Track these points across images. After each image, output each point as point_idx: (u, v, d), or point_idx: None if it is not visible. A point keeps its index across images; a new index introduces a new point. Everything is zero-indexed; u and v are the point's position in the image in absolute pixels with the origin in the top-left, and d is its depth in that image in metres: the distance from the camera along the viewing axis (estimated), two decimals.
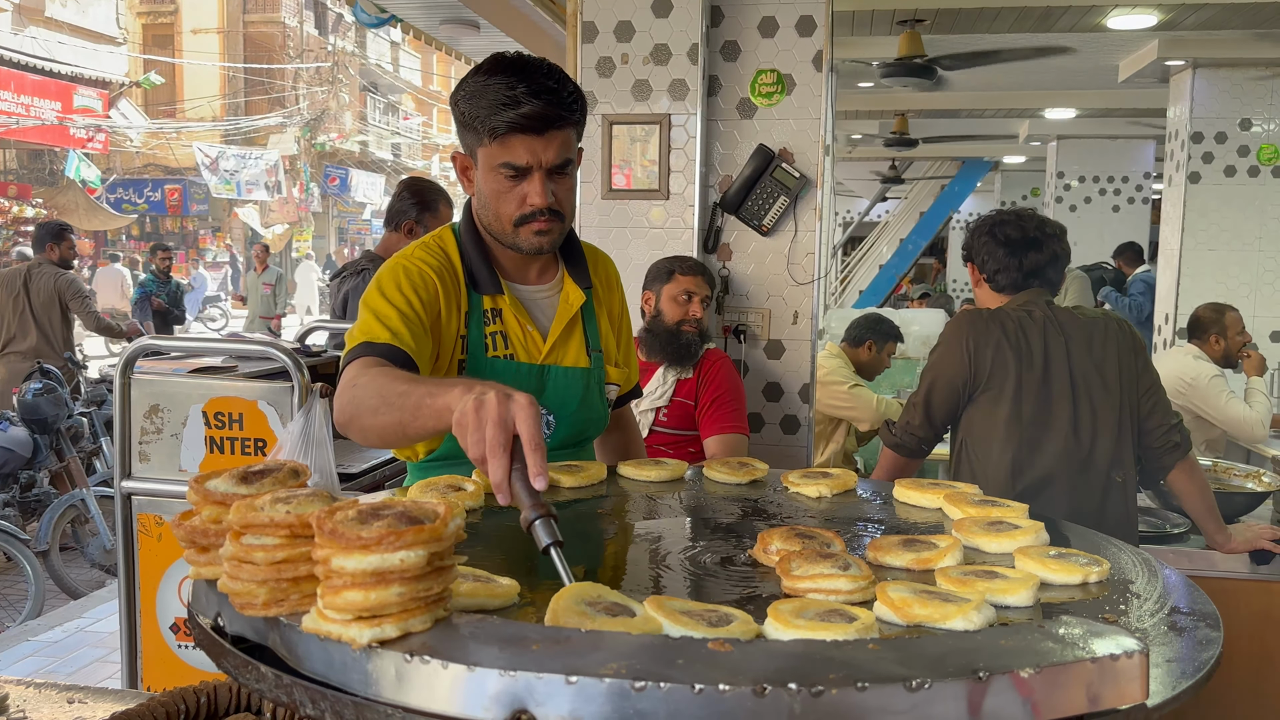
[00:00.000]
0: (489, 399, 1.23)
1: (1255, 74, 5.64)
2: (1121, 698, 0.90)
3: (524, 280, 1.89)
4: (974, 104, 7.91)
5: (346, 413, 1.55)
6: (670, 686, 0.82)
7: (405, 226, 3.90)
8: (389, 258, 3.96)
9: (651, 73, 3.54)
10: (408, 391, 1.43)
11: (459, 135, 1.78)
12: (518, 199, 1.73)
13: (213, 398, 2.98)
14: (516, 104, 1.64)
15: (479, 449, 1.22)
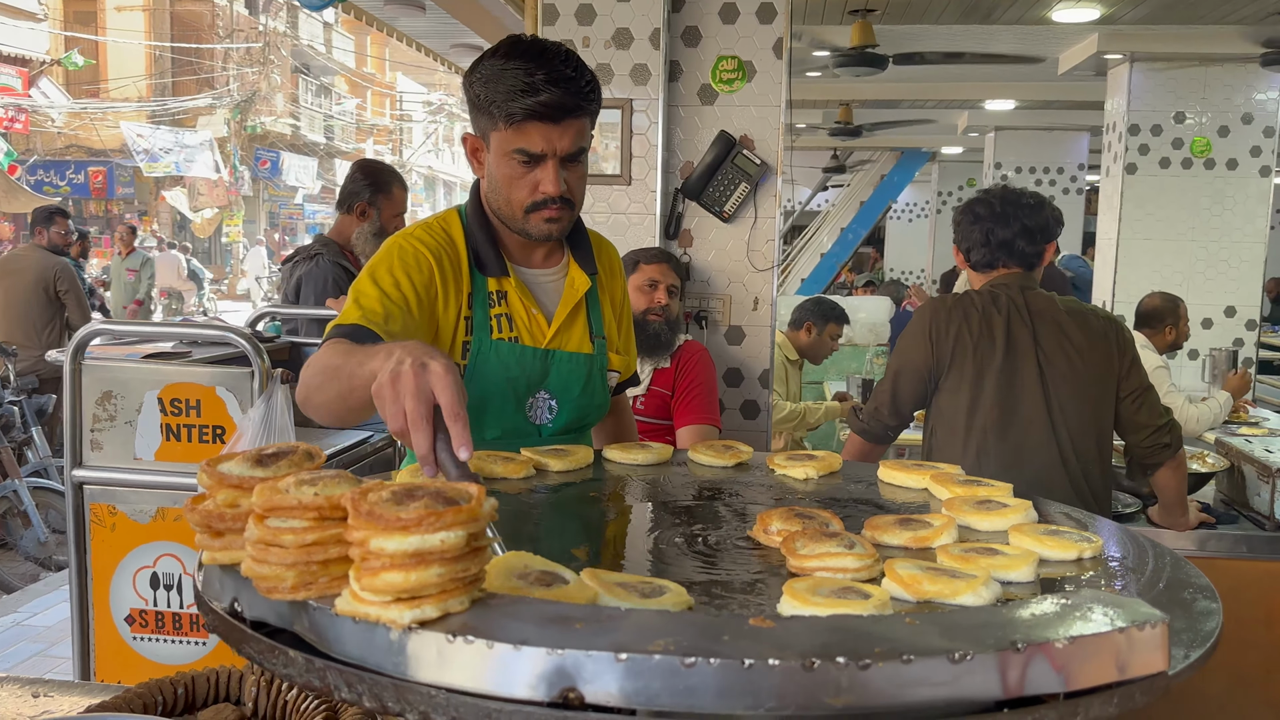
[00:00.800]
0: (404, 370, 1.19)
1: (1189, 69, 5.81)
2: (1146, 666, 0.92)
3: (529, 264, 1.89)
4: (917, 95, 8.03)
5: (300, 393, 1.55)
6: (720, 662, 0.83)
7: (358, 208, 3.84)
8: (341, 240, 3.91)
9: (613, 57, 3.53)
10: (342, 364, 1.42)
11: (472, 117, 1.77)
12: (530, 186, 1.73)
13: (169, 384, 2.91)
14: (535, 91, 1.63)
15: (398, 422, 1.18)
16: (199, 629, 2.96)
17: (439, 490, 0.94)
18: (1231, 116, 5.82)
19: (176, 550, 2.95)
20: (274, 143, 26.67)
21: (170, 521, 2.95)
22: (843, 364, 6.18)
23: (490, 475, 1.67)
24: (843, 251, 10.34)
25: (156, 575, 2.97)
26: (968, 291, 2.68)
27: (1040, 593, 1.21)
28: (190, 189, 23.68)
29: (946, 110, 9.14)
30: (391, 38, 7.58)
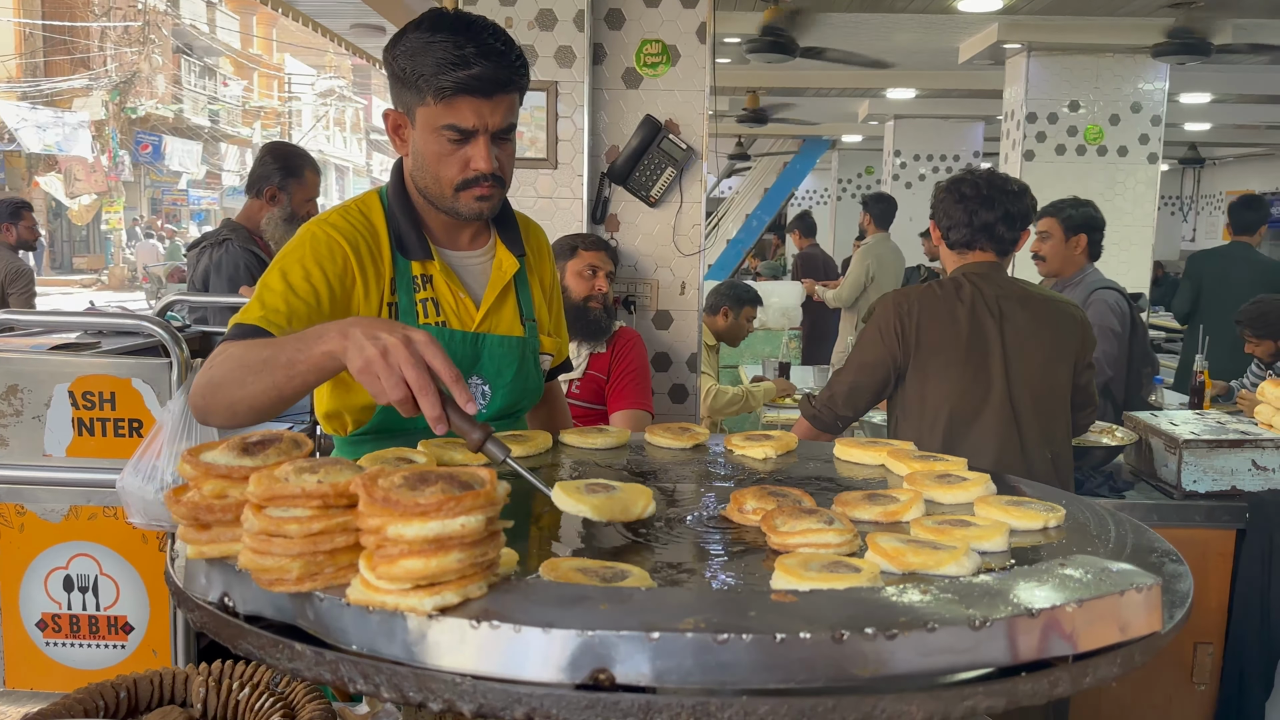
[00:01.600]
0: (392, 343, 1.24)
1: (1083, 58, 6.04)
2: (1144, 627, 0.96)
3: (455, 246, 1.83)
4: (821, 83, 8.16)
5: (204, 391, 1.49)
6: (753, 637, 0.83)
7: (267, 193, 3.71)
8: (251, 226, 3.78)
9: (537, 39, 3.49)
10: (273, 355, 1.40)
11: (394, 93, 1.70)
12: (460, 163, 1.67)
13: (80, 376, 2.76)
14: (466, 64, 1.59)
15: (400, 391, 1.24)
16: (117, 631, 2.84)
17: (451, 474, 0.92)
18: (1122, 105, 6.08)
19: (91, 550, 2.82)
20: (155, 126, 25.59)
21: (84, 520, 2.81)
22: (757, 348, 6.27)
23: (449, 462, 1.64)
24: (748, 238, 10.44)
25: (70, 577, 2.83)
26: (931, 283, 2.71)
27: (1013, 561, 1.24)
28: (66, 174, 22.56)
29: (849, 99, 9.31)
30: (286, 17, 7.34)
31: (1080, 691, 0.93)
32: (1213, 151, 14.33)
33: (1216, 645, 3.03)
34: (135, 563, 2.82)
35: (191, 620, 1.03)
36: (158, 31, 24.71)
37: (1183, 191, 17.29)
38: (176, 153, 26.45)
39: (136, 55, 23.91)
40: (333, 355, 1.33)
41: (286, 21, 7.54)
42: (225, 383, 1.44)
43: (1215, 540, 3.01)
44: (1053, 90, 6.10)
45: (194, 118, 27.32)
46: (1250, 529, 2.95)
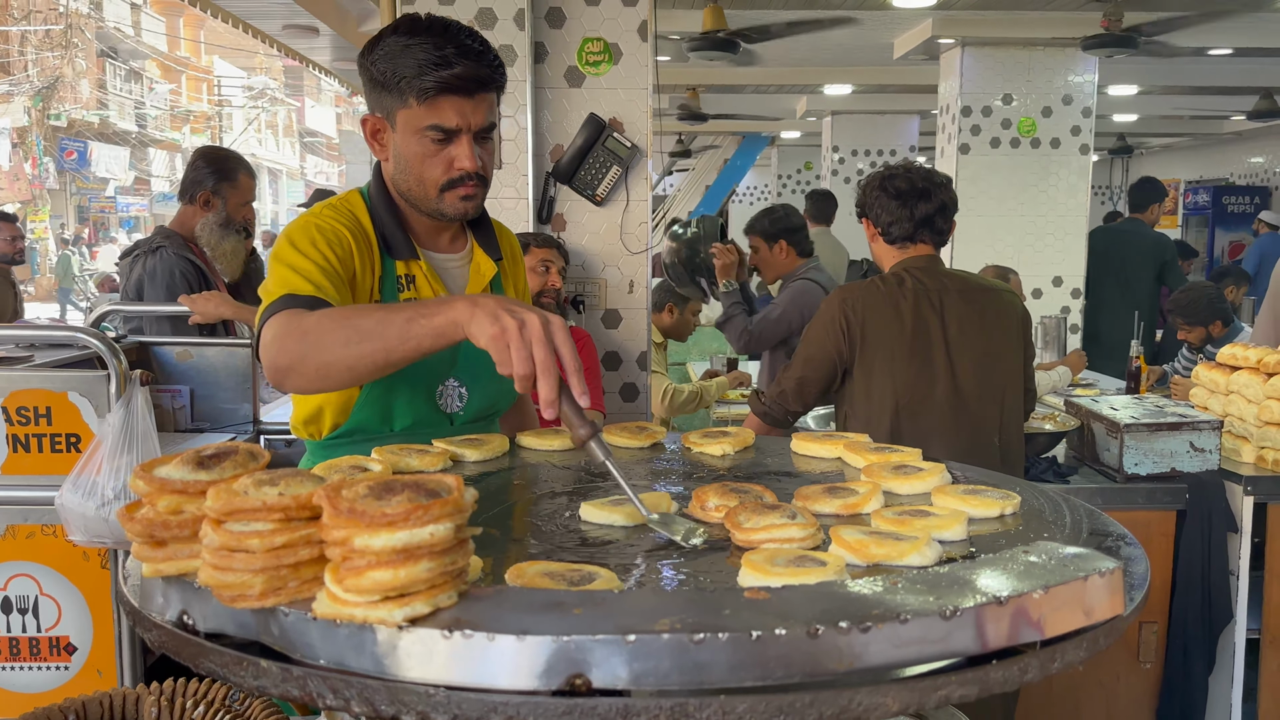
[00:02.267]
0: (530, 319, 1.29)
1: (1015, 52, 6.16)
2: (1107, 610, 0.98)
3: (436, 248, 1.85)
4: (760, 80, 8.21)
5: (294, 352, 1.48)
6: (729, 636, 0.83)
7: (201, 198, 3.62)
8: (185, 232, 3.69)
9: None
10: (385, 317, 1.42)
11: (371, 98, 1.72)
12: (444, 163, 1.69)
13: (14, 391, 2.68)
14: (448, 64, 1.61)
15: (526, 366, 1.28)
16: (60, 652, 2.76)
17: (418, 483, 0.90)
18: (1053, 98, 6.21)
19: (30, 570, 2.73)
20: (81, 132, 24.94)
21: (22, 540, 2.73)
22: (704, 344, 6.28)
23: (405, 469, 1.61)
24: None
25: (9, 599, 2.74)
26: (874, 278, 2.74)
27: (974, 549, 1.26)
28: None
29: (787, 96, 9.38)
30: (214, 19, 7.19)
31: (1049, 675, 0.95)
32: (1141, 141, 14.70)
33: (1160, 623, 3.11)
34: (77, 581, 2.75)
35: (149, 640, 1.00)
36: (80, 35, 24.07)
37: (1113, 181, 17.71)
38: (103, 159, 25.81)
39: (59, 60, 23.26)
40: (457, 324, 1.36)
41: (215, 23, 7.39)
42: (324, 344, 1.44)
43: (1157, 521, 3.09)
44: (986, 84, 6.21)
45: (120, 123, 26.68)
46: (1190, 509, 3.03)
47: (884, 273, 2.76)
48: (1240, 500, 3.00)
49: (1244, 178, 14.12)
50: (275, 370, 1.51)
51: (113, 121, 26.15)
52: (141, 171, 28.81)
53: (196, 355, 3.44)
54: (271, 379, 1.53)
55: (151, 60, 29.45)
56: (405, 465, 1.61)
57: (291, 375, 1.50)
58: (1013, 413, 2.72)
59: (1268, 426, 3.05)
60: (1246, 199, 13.29)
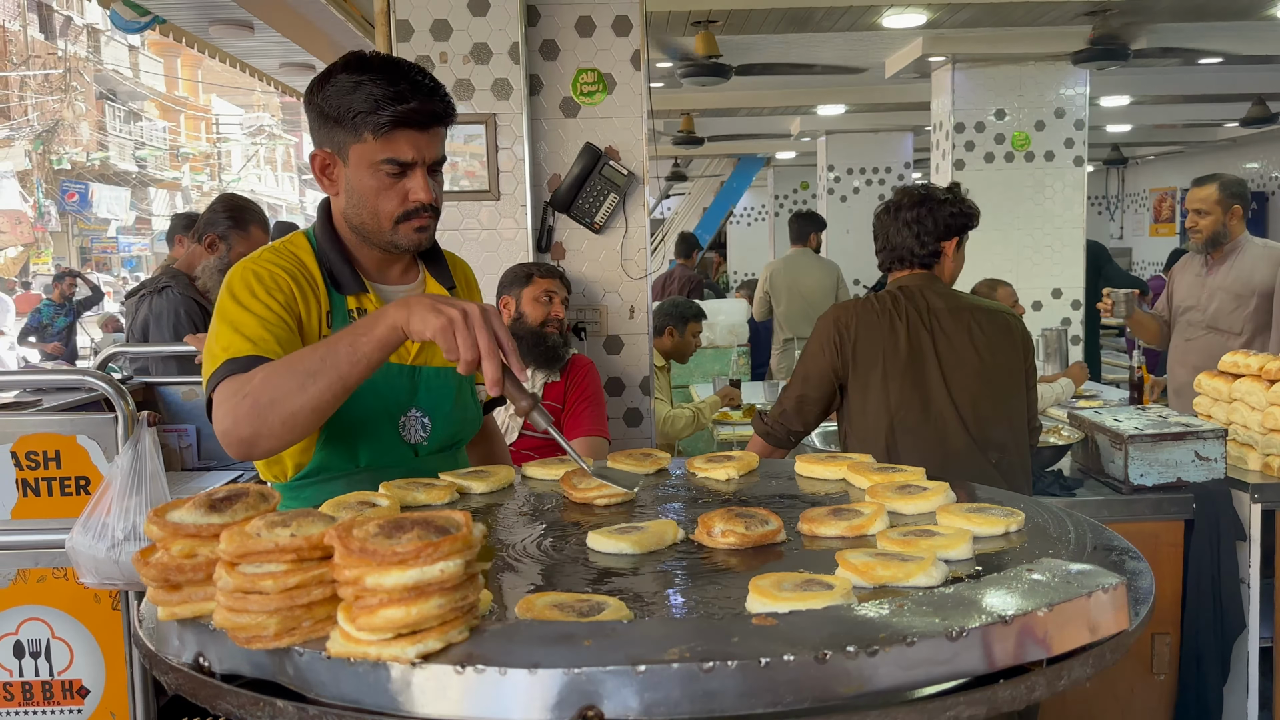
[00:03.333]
0: (470, 308, 1.44)
1: (1006, 68, 6.20)
2: (1112, 626, 0.99)
3: (386, 280, 1.85)
4: (753, 103, 8.27)
5: (252, 417, 1.50)
6: (738, 663, 0.84)
7: (207, 240, 3.65)
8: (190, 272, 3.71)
9: (473, 72, 3.50)
10: (327, 352, 1.50)
11: (320, 134, 1.72)
12: (399, 196, 1.70)
13: (23, 436, 2.70)
14: (403, 99, 1.64)
15: (472, 351, 1.42)
16: (73, 696, 2.76)
17: (426, 520, 0.92)
18: (1046, 111, 6.24)
19: (42, 613, 2.74)
20: (81, 174, 25.09)
21: (33, 583, 2.74)
22: (706, 366, 6.30)
23: (413, 503, 1.63)
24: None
25: (20, 643, 2.74)
26: (870, 296, 2.76)
27: (979, 568, 1.27)
28: None
29: (781, 117, 9.43)
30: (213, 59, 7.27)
31: (1056, 693, 0.95)
32: (1135, 151, 14.75)
33: (1173, 635, 3.10)
34: (88, 624, 2.75)
35: (167, 683, 1.01)
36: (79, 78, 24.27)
37: (1108, 191, 17.75)
38: (104, 200, 25.94)
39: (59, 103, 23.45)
40: (396, 327, 1.47)
41: (212, 63, 7.46)
42: (278, 398, 1.49)
43: (1165, 532, 3.08)
44: (978, 100, 6.25)
45: (120, 163, 26.85)
46: (1197, 519, 3.03)
47: (879, 291, 2.79)
48: (1248, 508, 3.00)
49: None
50: (239, 443, 1.53)
51: (113, 162, 26.31)
52: (142, 211, 28.96)
53: (202, 394, 3.46)
54: (237, 454, 1.55)
55: (150, 101, 29.67)
56: (413, 499, 1.63)
57: (258, 442, 1.52)
58: (1015, 434, 2.70)
59: (1272, 434, 3.06)
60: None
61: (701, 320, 5.03)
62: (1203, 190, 4.23)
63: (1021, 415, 2.72)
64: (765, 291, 7.20)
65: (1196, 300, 4.28)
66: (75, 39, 24.75)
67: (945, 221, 2.70)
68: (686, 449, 5.36)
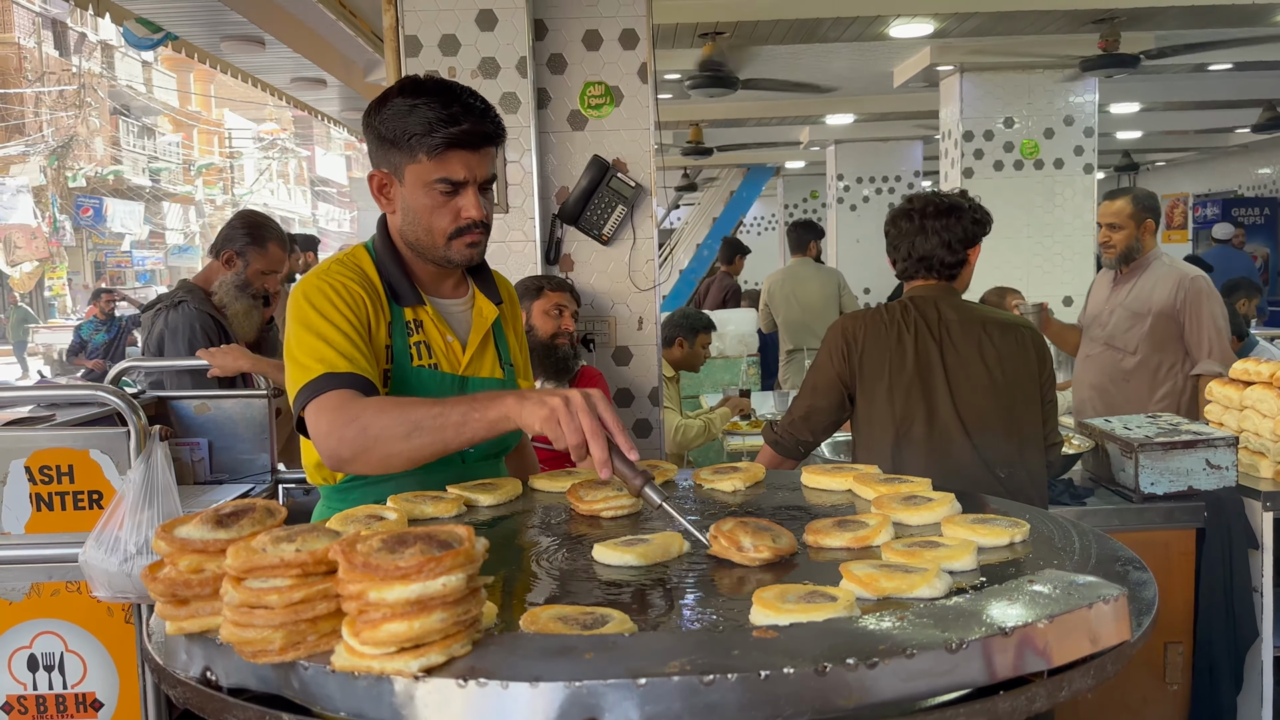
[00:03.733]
0: (573, 396, 1.47)
1: (1014, 76, 6.21)
2: (1113, 637, 0.99)
3: (440, 294, 1.94)
4: (761, 113, 8.29)
5: (357, 444, 1.60)
6: (738, 676, 0.85)
7: (225, 255, 3.67)
8: (207, 287, 3.74)
9: (481, 86, 3.52)
10: (441, 413, 1.56)
11: (379, 154, 1.81)
12: (452, 213, 1.79)
13: (36, 450, 2.72)
14: (455, 122, 1.72)
15: (577, 436, 1.45)
16: (86, 709, 2.78)
17: (430, 534, 0.93)
18: (1055, 119, 6.24)
19: (55, 627, 2.76)
20: (96, 189, 25.29)
21: (47, 597, 2.76)
22: (716, 376, 6.31)
23: (420, 516, 1.64)
24: (699, 267, 10.53)
25: (34, 657, 2.76)
26: (880, 306, 2.74)
27: (983, 579, 1.27)
28: (6, 243, 22.19)
29: (789, 127, 9.46)
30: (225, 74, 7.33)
31: (1058, 704, 0.96)
32: (1146, 158, 14.72)
33: (1186, 644, 3.08)
34: (102, 637, 2.77)
35: (175, 697, 1.02)
36: (94, 94, 24.48)
37: None
38: (118, 214, 26.13)
39: (73, 119, 23.65)
40: (508, 416, 1.53)
41: (225, 78, 7.52)
42: (384, 438, 1.58)
43: (1177, 540, 3.07)
44: (987, 108, 6.25)
45: (134, 178, 27.05)
46: (1209, 527, 3.02)
47: (890, 302, 2.78)
48: (1260, 516, 2.98)
49: (1253, 189, 14.11)
50: (337, 460, 1.64)
51: (127, 177, 26.51)
52: (156, 225, 29.16)
53: (214, 408, 3.48)
54: (330, 464, 1.66)
55: (164, 115, 29.89)
56: (420, 512, 1.64)
57: (354, 464, 1.63)
58: (1025, 450, 2.64)
59: None
60: (1257, 211, 13.27)
61: (711, 331, 5.03)
62: (1115, 204, 4.17)
63: (1035, 431, 2.65)
64: (765, 304, 7.20)
65: (1099, 315, 4.25)
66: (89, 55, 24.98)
67: (969, 229, 2.69)
68: (697, 459, 5.36)
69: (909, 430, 2.59)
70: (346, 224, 40.00)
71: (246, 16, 5.57)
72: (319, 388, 1.65)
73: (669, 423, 4.23)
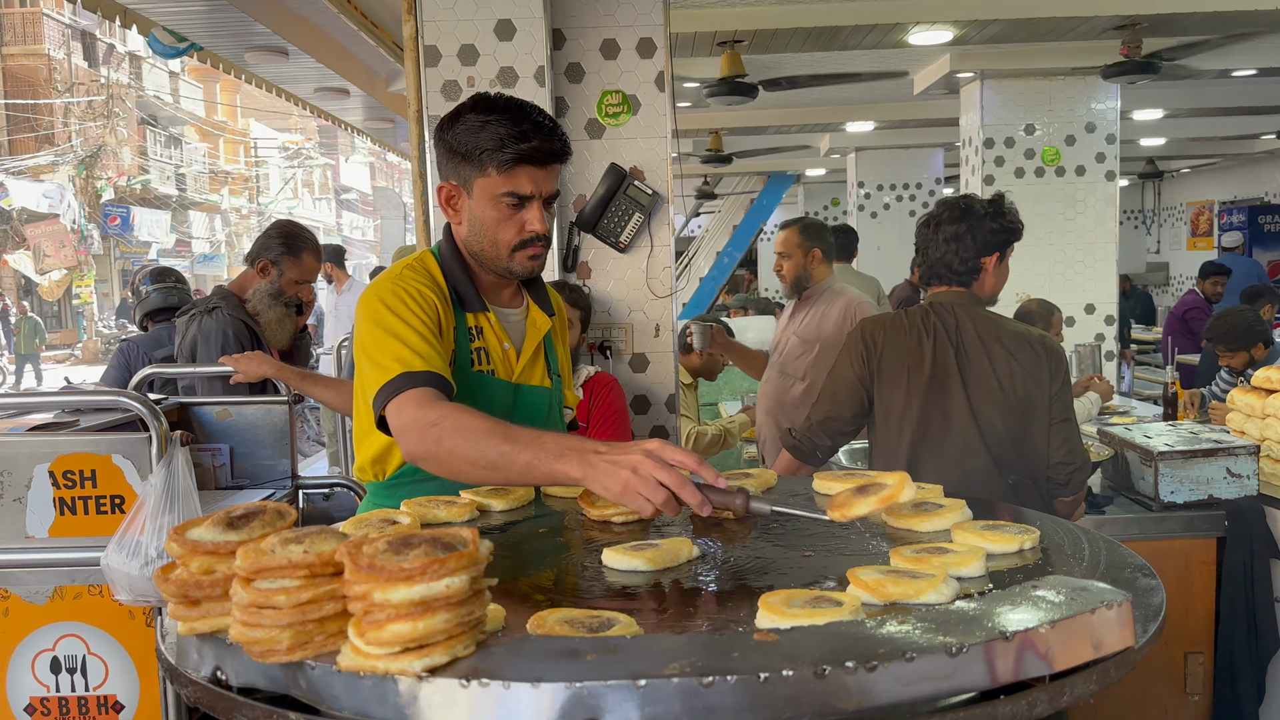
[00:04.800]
0: (638, 461, 1.43)
1: (1035, 82, 6.18)
2: (1117, 643, 0.99)
3: (499, 303, 2.01)
4: (781, 120, 8.29)
5: (429, 450, 1.66)
6: (738, 679, 0.85)
7: (260, 264, 3.71)
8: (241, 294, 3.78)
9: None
10: (510, 452, 1.57)
11: (448, 167, 1.88)
12: (517, 226, 1.86)
13: (60, 455, 2.76)
14: (526, 138, 1.79)
15: (662, 495, 1.41)
16: (108, 711, 2.81)
17: (435, 537, 0.94)
18: (1076, 126, 6.21)
19: (78, 630, 2.80)
20: (123, 198, 25.59)
21: (70, 600, 2.79)
22: (735, 384, 6.30)
23: (433, 520, 1.66)
24: (720, 275, 10.53)
25: (57, 659, 2.80)
26: (900, 311, 2.74)
27: (991, 585, 1.27)
28: (36, 251, 22.49)
29: (810, 134, 9.45)
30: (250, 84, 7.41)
31: (1060, 709, 0.96)
32: (1170, 165, 14.60)
33: (1206, 654, 3.06)
34: (123, 640, 2.80)
35: (185, 696, 1.04)
36: (122, 104, 24.80)
37: (1144, 205, 17.57)
38: (145, 223, 26.41)
39: (101, 129, 23.95)
40: (573, 479, 1.51)
41: (250, 88, 7.61)
42: (455, 455, 1.62)
43: (1197, 549, 3.05)
44: (1008, 115, 6.23)
45: (161, 187, 27.35)
46: (1230, 536, 2.99)
47: (911, 306, 2.78)
48: None
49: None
50: (413, 458, 1.70)
51: (154, 186, 26.81)
52: (182, 234, 29.45)
53: (235, 413, 3.52)
54: (410, 459, 1.71)
55: (190, 125, 30.22)
56: (432, 516, 1.66)
57: (426, 464, 1.69)
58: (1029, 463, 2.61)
59: None
60: None
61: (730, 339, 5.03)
62: (783, 234, 4.25)
63: (1040, 445, 2.60)
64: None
65: (778, 342, 4.35)
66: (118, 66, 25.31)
67: (986, 237, 2.64)
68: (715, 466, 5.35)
69: (924, 435, 2.59)
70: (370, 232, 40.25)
71: (270, 28, 5.64)
72: (397, 387, 1.70)
73: (684, 430, 4.24)
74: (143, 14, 5.31)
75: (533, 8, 3.51)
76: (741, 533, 1.55)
